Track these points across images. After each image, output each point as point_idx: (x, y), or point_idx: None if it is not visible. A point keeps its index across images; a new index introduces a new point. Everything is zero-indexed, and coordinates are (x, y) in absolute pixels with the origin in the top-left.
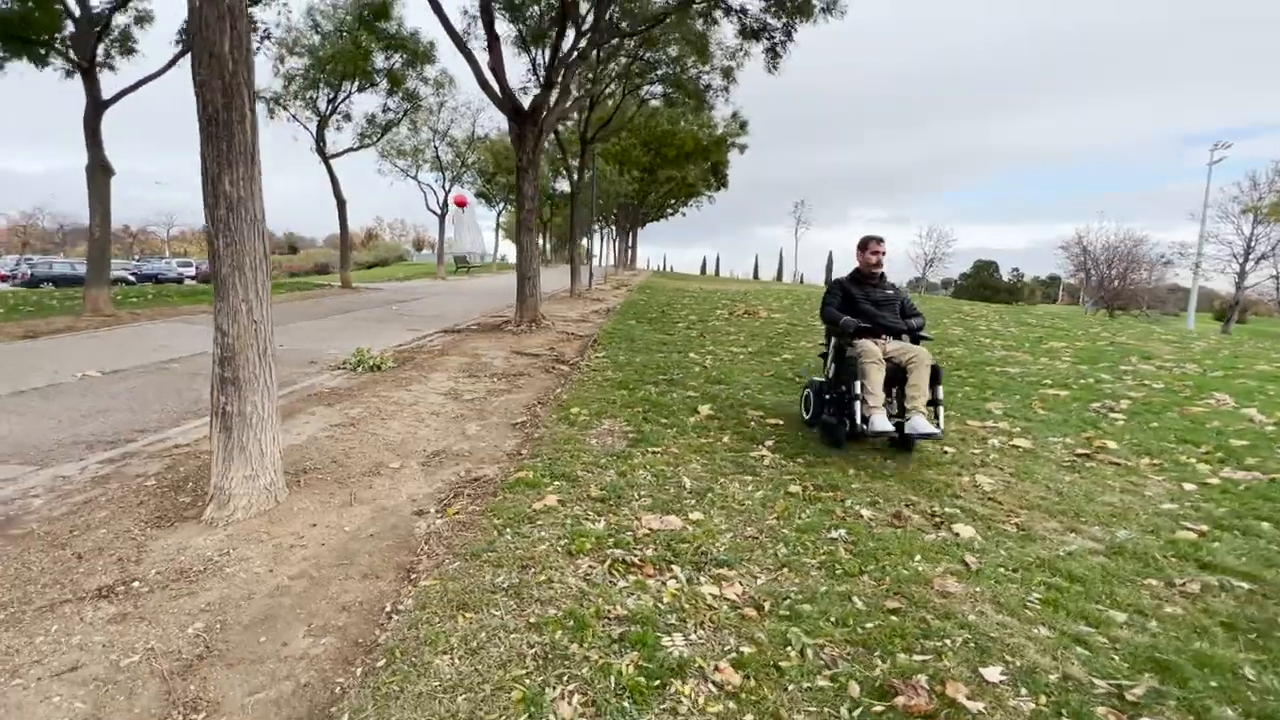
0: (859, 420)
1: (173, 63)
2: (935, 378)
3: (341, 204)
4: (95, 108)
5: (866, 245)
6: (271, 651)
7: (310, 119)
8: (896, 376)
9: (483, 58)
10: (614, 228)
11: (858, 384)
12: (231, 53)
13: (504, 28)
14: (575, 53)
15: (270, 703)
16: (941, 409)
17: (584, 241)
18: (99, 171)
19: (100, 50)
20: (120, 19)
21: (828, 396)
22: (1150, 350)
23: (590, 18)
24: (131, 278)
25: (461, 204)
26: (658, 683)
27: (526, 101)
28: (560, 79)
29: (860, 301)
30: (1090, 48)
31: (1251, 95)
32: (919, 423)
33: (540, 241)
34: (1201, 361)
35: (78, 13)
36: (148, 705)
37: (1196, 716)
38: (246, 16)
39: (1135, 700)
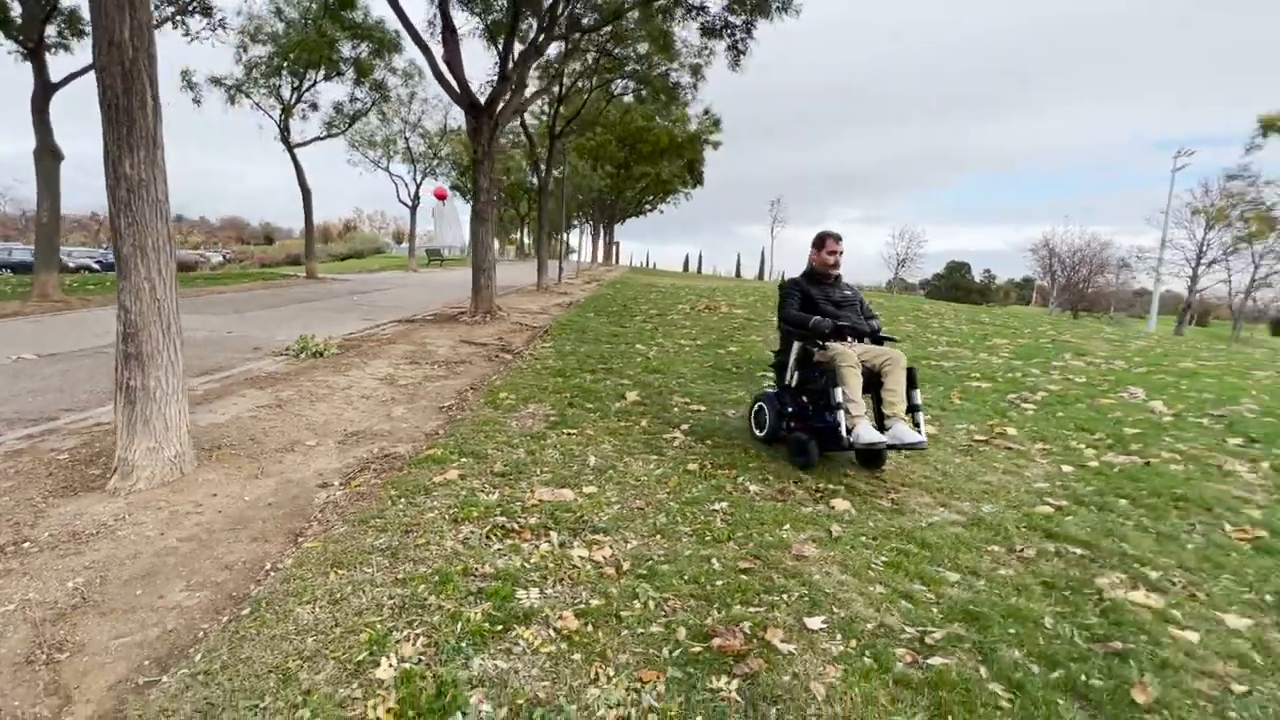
0: (845, 433)
1: None
2: (911, 381)
3: (307, 194)
4: (44, 90)
5: (824, 243)
6: (146, 603)
7: (274, 107)
8: (869, 382)
9: (438, 50)
10: (591, 223)
11: (837, 392)
12: (132, 40)
13: (467, 21)
14: (532, 47)
15: (134, 645)
16: (922, 415)
17: (563, 236)
18: (47, 156)
19: (51, 31)
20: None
21: (790, 409)
22: (1087, 348)
23: (548, 12)
24: (96, 265)
25: (442, 197)
26: (501, 627)
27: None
28: (515, 73)
29: (821, 303)
30: (1063, 52)
31: (1221, 98)
32: (902, 431)
33: (517, 235)
34: (1130, 359)
35: None
36: (15, 646)
37: (984, 655)
38: (148, 6)
39: (933, 643)
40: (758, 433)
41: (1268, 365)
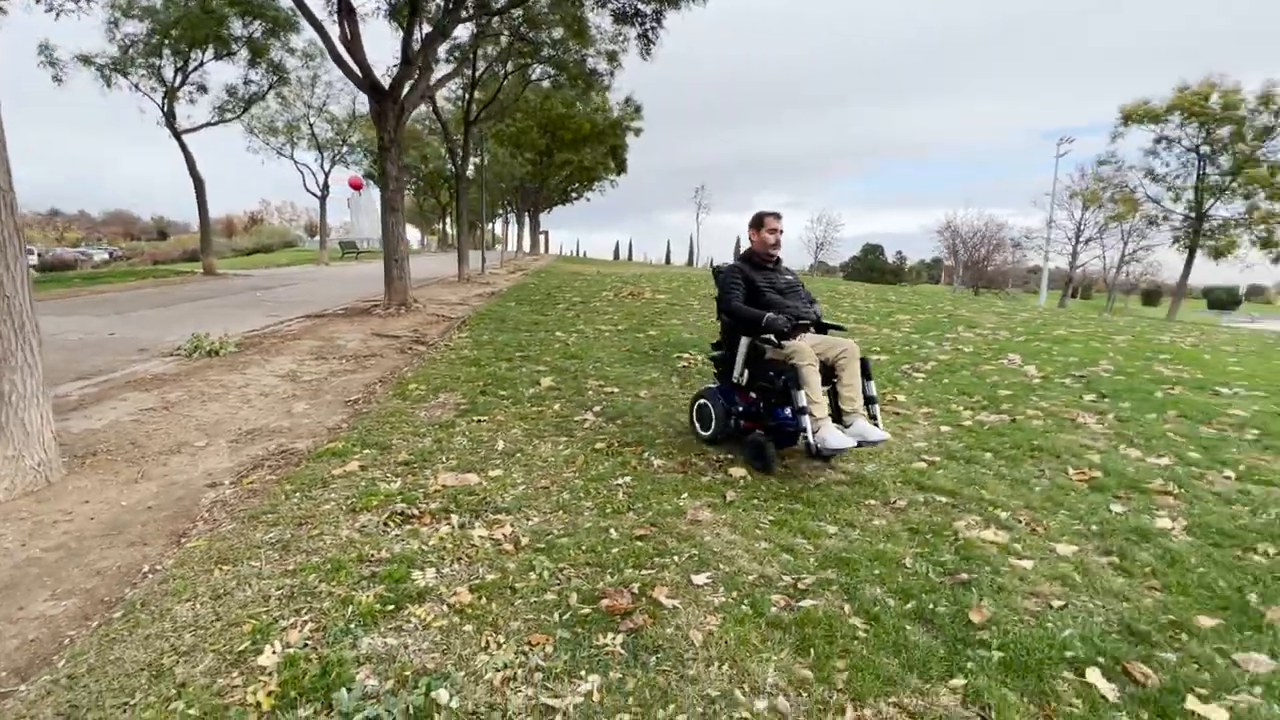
0: (810, 436)
1: None
2: (865, 372)
3: (199, 184)
4: None
5: (763, 222)
6: (3, 615)
7: (156, 89)
8: (823, 376)
9: (335, 30)
10: (514, 212)
11: (800, 395)
12: None
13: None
14: (438, 29)
15: None
16: (877, 407)
17: (486, 225)
18: None
19: None
20: None
21: (740, 408)
22: (978, 321)
23: None
24: None
25: (357, 186)
26: (393, 607)
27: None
28: (421, 56)
29: (766, 291)
30: (965, 50)
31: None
32: (864, 428)
33: (440, 226)
34: (1014, 329)
35: None
36: None
37: (849, 594)
38: None
39: (805, 588)
40: (702, 433)
41: (1127, 331)
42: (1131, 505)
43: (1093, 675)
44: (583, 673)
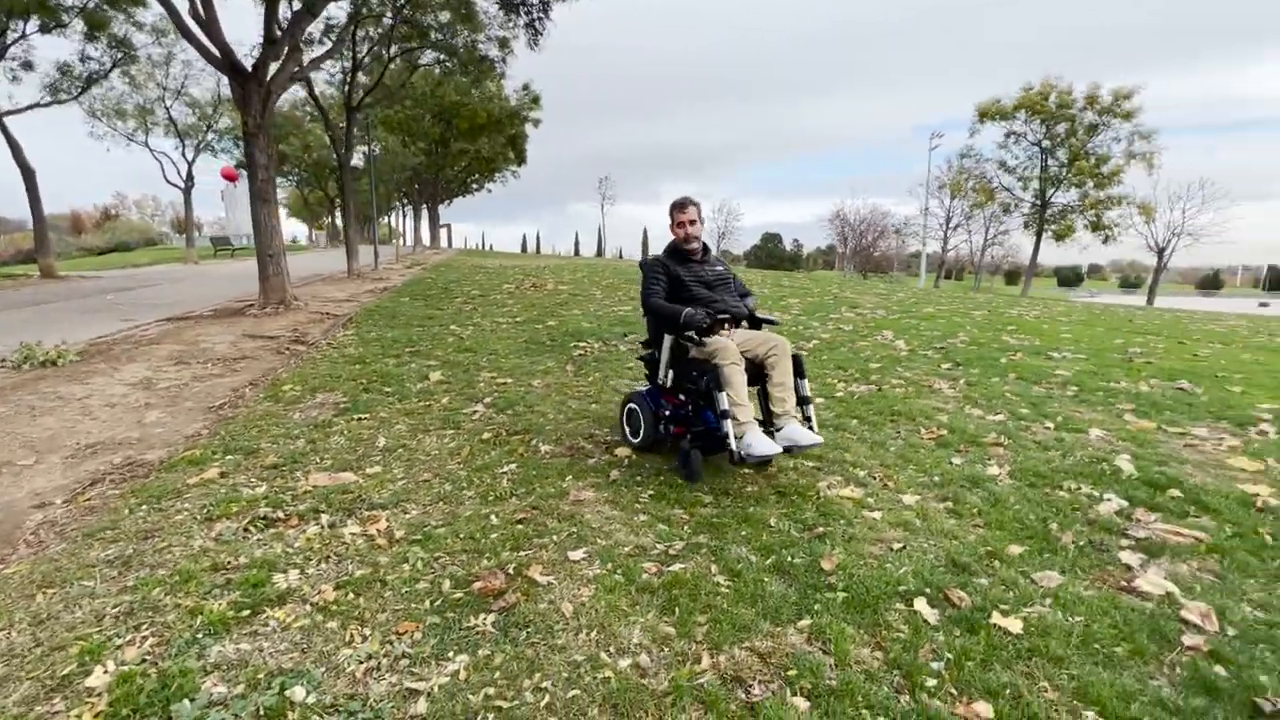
0: (733, 442)
1: None
2: (799, 369)
3: (29, 175)
4: None
5: (671, 215)
6: None
7: None
8: (752, 375)
9: (183, 3)
10: (412, 204)
11: (723, 397)
12: None
13: None
14: (305, 8)
15: None
16: (812, 408)
17: (378, 218)
18: None
19: None
20: None
21: (667, 412)
22: (860, 302)
23: None
24: None
25: (231, 177)
26: (248, 613)
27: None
28: (286, 35)
29: (691, 284)
30: (861, 44)
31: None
32: (796, 432)
33: (329, 219)
34: (890, 308)
35: None
36: None
37: (716, 556)
38: None
39: (675, 554)
40: (632, 440)
41: (984, 306)
42: (968, 457)
43: (919, 604)
44: (451, 654)
